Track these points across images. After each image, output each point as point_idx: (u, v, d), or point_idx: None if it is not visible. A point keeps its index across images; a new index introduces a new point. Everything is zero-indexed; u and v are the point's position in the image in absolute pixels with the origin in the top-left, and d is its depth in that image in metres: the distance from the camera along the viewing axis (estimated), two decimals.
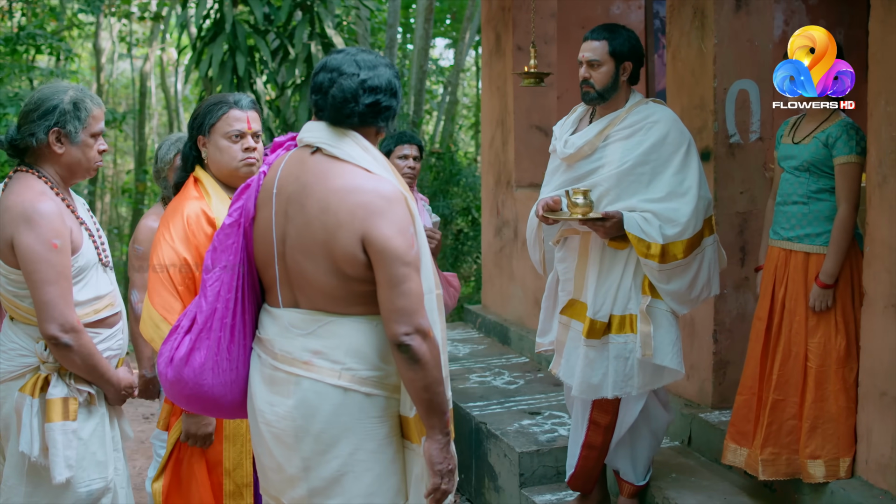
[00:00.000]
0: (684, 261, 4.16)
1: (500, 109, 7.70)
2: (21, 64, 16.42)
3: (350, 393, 2.90)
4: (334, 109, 2.92)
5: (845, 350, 4.17)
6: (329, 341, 2.91)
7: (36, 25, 15.91)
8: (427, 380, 2.82)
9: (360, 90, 2.89)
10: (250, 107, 3.77)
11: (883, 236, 3.95)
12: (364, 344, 2.91)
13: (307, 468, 2.94)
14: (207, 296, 3.07)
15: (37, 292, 3.36)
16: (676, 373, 4.30)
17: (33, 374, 3.49)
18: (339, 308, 2.91)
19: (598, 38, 4.24)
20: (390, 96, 2.96)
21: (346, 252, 2.81)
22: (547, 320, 4.64)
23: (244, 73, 11.47)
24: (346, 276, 2.85)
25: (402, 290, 2.79)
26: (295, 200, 2.92)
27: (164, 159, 4.56)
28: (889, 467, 3.97)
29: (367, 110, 2.91)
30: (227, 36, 11.49)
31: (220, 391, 3.08)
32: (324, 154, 2.92)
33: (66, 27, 19.92)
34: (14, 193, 3.43)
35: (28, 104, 3.52)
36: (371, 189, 2.82)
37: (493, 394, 6.14)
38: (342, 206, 2.81)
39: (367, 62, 2.94)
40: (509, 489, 5.19)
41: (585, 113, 4.45)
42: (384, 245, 2.78)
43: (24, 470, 3.49)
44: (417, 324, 2.79)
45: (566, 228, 4.36)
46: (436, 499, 2.94)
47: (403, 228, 2.82)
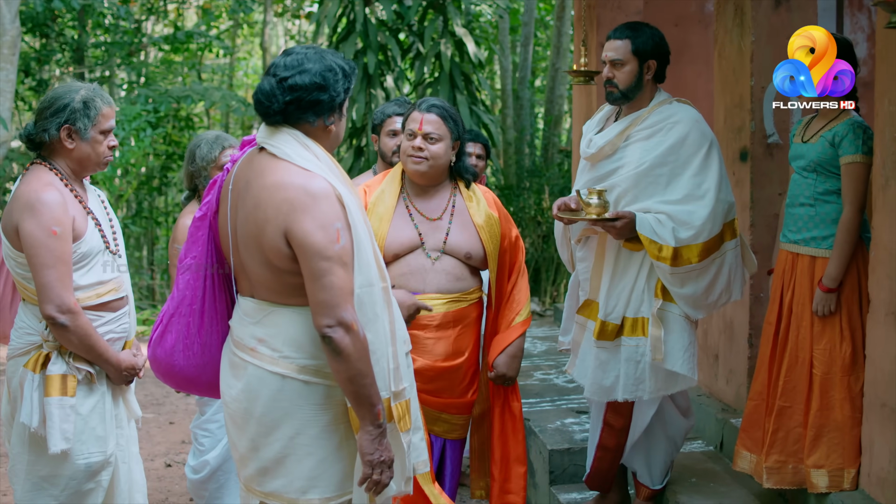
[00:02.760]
0: (699, 265, 4.09)
1: (587, 109, 7.67)
2: (192, 61, 17.34)
3: (288, 380, 3.04)
4: (257, 109, 3.07)
5: (851, 357, 4.03)
6: (271, 330, 3.07)
7: (206, 25, 16.69)
8: (350, 371, 2.92)
9: (276, 90, 3.01)
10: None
11: (885, 241, 3.81)
12: (302, 334, 3.05)
13: (255, 448, 3.11)
14: (179, 283, 3.30)
15: (36, 275, 3.63)
16: (690, 379, 4.23)
17: (37, 351, 3.77)
18: (279, 298, 3.06)
19: (620, 38, 4.22)
20: (318, 90, 3.03)
21: (273, 246, 2.96)
22: (568, 319, 4.65)
23: (374, 70, 11.75)
24: (277, 269, 3.00)
25: (322, 283, 2.90)
26: (241, 197, 3.09)
27: (206, 158, 4.61)
28: (887, 481, 3.83)
29: (288, 108, 3.03)
30: (359, 34, 11.80)
31: (193, 372, 3.32)
32: (266, 152, 3.07)
33: (237, 25, 20.81)
34: (24, 183, 3.73)
35: (43, 102, 3.81)
36: (298, 185, 2.94)
37: (549, 391, 6.17)
38: (270, 202, 2.96)
39: (292, 63, 3.04)
40: (542, 486, 5.22)
41: (612, 112, 4.42)
42: (303, 240, 2.90)
43: (26, 440, 3.76)
44: (339, 316, 2.89)
45: (587, 228, 4.35)
46: (369, 489, 3.03)
47: (326, 224, 2.92)
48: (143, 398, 7.85)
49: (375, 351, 3.01)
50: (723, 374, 5.30)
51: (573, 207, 4.23)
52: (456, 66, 11.88)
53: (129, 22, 14.18)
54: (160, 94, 12.81)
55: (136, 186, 13.44)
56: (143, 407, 7.67)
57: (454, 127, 3.94)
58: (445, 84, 11.81)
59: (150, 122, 11.71)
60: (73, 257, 3.69)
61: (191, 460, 4.88)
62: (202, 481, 4.82)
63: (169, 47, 15.77)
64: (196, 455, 4.82)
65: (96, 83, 3.99)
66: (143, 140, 11.32)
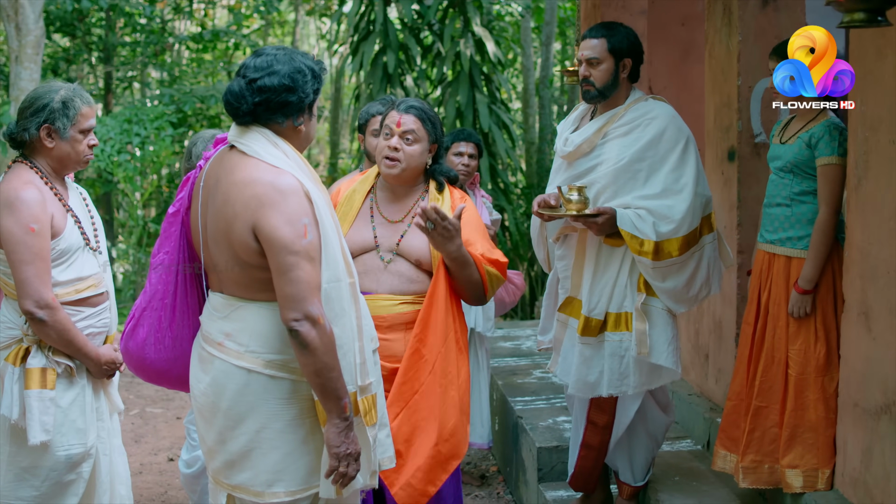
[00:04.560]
0: (680, 258, 4.13)
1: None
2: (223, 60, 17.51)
3: (254, 374, 3.10)
4: (227, 109, 3.13)
5: (825, 358, 4.03)
6: (237, 325, 3.13)
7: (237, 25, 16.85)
8: (317, 365, 2.97)
9: (245, 91, 3.07)
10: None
11: (857, 241, 3.81)
12: (268, 329, 3.10)
13: (221, 441, 3.17)
14: (151, 278, 3.37)
15: (15, 271, 3.72)
16: (673, 373, 4.27)
17: (17, 344, 3.86)
18: (246, 294, 3.12)
19: (596, 37, 4.26)
20: (287, 92, 3.09)
21: (241, 241, 3.02)
22: (547, 318, 4.67)
23: (394, 70, 11.83)
24: (245, 264, 3.06)
25: (289, 277, 2.96)
26: (211, 193, 3.16)
27: (203, 156, 4.76)
28: (859, 481, 3.83)
29: (257, 109, 3.09)
30: (379, 33, 11.89)
31: (164, 365, 3.39)
32: (236, 150, 3.14)
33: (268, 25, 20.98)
34: (5, 182, 3.82)
35: (24, 101, 3.91)
36: (267, 182, 3.00)
37: (545, 390, 6.18)
38: (238, 198, 3.02)
39: (262, 64, 3.10)
40: (531, 483, 5.25)
41: (587, 111, 4.47)
42: (270, 235, 2.96)
43: (7, 431, 3.85)
44: (306, 310, 2.94)
45: (566, 226, 4.38)
46: (335, 481, 3.09)
47: (293, 219, 2.98)
48: (154, 392, 7.96)
49: (342, 345, 3.07)
50: (712, 373, 5.30)
51: (553, 204, 4.26)
52: (476, 66, 11.93)
53: (155, 21, 14.33)
54: (185, 93, 12.96)
55: (156, 185, 13.57)
56: (153, 402, 7.79)
57: (432, 129, 3.93)
58: (465, 83, 11.86)
59: (171, 121, 11.85)
60: (52, 254, 3.77)
61: (184, 454, 4.94)
62: (195, 476, 4.88)
63: (196, 46, 15.94)
64: (189, 449, 4.88)
65: (77, 84, 4.07)
66: (163, 139, 11.46)
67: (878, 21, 3.02)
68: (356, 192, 4.01)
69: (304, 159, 3.18)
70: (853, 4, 2.98)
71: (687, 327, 5.70)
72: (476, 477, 6.01)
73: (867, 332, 3.76)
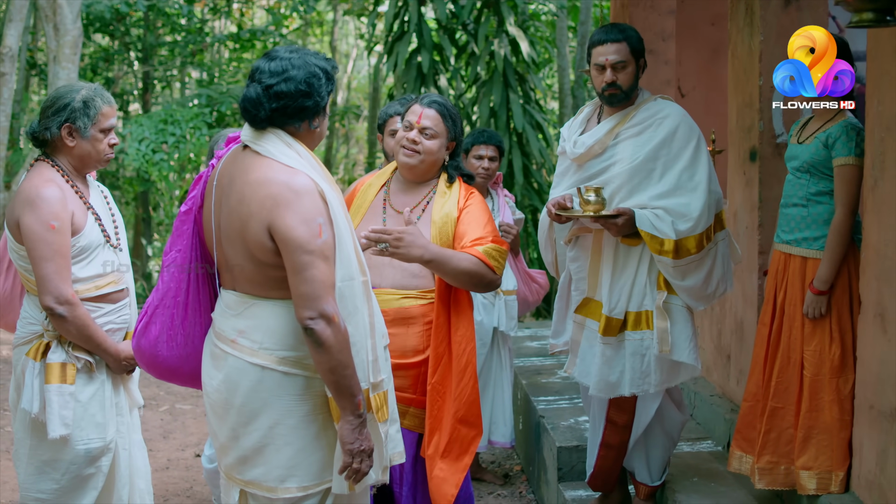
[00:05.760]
0: (697, 255, 4.15)
1: None
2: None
3: (267, 371, 3.14)
4: (244, 116, 3.17)
5: (840, 359, 4.00)
6: (251, 322, 3.17)
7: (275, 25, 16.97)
8: (332, 363, 3.01)
9: (262, 97, 3.10)
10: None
11: (874, 242, 3.78)
12: (282, 326, 3.15)
13: (235, 437, 3.22)
14: (164, 276, 3.41)
15: (36, 268, 3.79)
16: (693, 369, 4.29)
17: (38, 340, 3.93)
18: (260, 291, 3.17)
19: (617, 40, 4.24)
20: (303, 97, 3.13)
21: (256, 240, 3.06)
22: (560, 321, 4.68)
23: (428, 70, 11.87)
24: (260, 262, 3.10)
25: (304, 276, 3.00)
26: (225, 192, 3.20)
27: None
28: (874, 484, 3.80)
29: (274, 115, 3.12)
30: (414, 33, 11.93)
31: (176, 363, 3.42)
32: (250, 150, 3.18)
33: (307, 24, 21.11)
34: (27, 180, 3.90)
35: (46, 101, 3.99)
36: (282, 182, 3.05)
37: (568, 390, 6.19)
38: (254, 198, 3.06)
39: (277, 69, 3.12)
40: (551, 483, 5.26)
41: (593, 113, 4.48)
42: (286, 234, 3.00)
43: (28, 425, 3.93)
44: (321, 309, 2.98)
45: (578, 227, 4.39)
46: (348, 477, 3.12)
47: (309, 219, 3.02)
48: (183, 389, 8.02)
49: (355, 343, 3.10)
50: (734, 374, 5.28)
51: (568, 206, 4.26)
52: (510, 66, 11.93)
53: (194, 21, 14.47)
54: (221, 93, 13.08)
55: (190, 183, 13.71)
56: (183, 398, 7.88)
57: (452, 126, 3.96)
58: (499, 83, 11.87)
59: (207, 121, 11.96)
60: (73, 251, 3.83)
61: (207, 450, 5.00)
62: (217, 471, 4.93)
63: (234, 45, 16.09)
64: (212, 445, 4.94)
65: (98, 84, 4.15)
66: (199, 139, 11.58)
67: (887, 21, 3.00)
68: (371, 185, 4.06)
69: (316, 158, 3.21)
70: (861, 4, 2.97)
71: (710, 328, 5.68)
72: (499, 476, 6.02)
73: (883, 334, 3.73)
